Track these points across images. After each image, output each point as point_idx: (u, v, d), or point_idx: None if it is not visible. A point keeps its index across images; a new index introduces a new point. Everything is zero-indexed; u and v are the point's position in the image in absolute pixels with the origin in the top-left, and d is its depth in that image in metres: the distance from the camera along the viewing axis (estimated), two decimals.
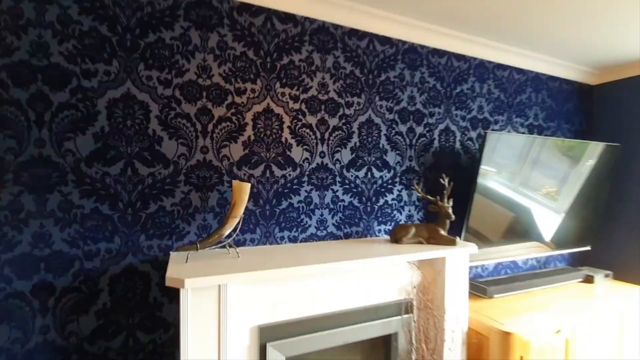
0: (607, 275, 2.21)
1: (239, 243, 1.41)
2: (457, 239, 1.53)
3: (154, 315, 1.30)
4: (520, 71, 2.17)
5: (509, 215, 1.91)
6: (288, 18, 1.50)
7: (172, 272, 1.04)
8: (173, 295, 1.32)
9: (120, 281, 1.25)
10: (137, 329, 1.27)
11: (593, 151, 2.09)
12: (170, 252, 1.29)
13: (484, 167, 1.72)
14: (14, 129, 1.11)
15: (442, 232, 1.53)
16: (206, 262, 1.17)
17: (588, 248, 2.32)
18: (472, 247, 1.51)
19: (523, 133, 2.20)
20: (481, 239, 1.84)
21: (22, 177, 1.12)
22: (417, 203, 1.84)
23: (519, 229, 1.97)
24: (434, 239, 1.52)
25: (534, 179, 1.94)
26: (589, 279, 2.16)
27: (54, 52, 1.15)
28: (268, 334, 1.21)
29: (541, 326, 1.55)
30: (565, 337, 1.61)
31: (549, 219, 2.07)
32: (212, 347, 1.10)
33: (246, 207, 1.29)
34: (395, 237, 1.54)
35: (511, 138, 1.82)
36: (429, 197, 1.57)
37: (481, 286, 1.85)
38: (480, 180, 1.74)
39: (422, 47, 1.83)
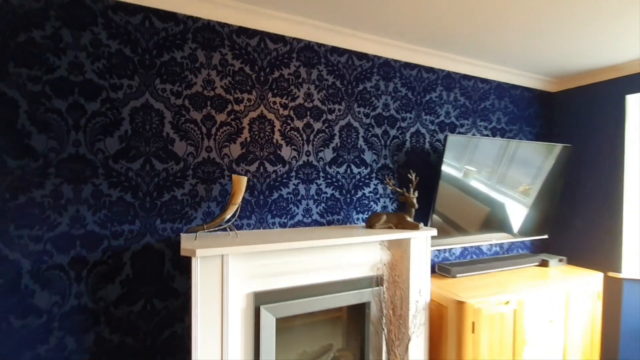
0: (560, 260, 2.51)
1: (237, 227, 1.69)
2: (421, 224, 1.82)
3: (167, 286, 1.57)
4: (484, 81, 2.47)
5: (469, 202, 2.21)
6: (279, 38, 1.79)
7: (186, 245, 1.32)
8: (183, 270, 1.59)
9: (140, 257, 1.52)
10: (153, 297, 1.54)
11: (551, 151, 2.39)
12: (181, 233, 1.57)
13: (446, 161, 2.02)
14: (56, 132, 1.38)
15: (409, 219, 1.82)
16: (211, 240, 1.45)
17: (546, 237, 2.63)
18: (432, 231, 1.80)
19: (487, 135, 2.50)
20: (450, 226, 2.13)
21: (62, 170, 1.39)
22: (390, 196, 2.13)
23: (476, 214, 2.27)
24: (401, 225, 1.81)
25: (499, 173, 2.24)
26: (544, 263, 2.46)
27: (87, 70, 1.43)
28: (261, 299, 1.49)
29: (493, 298, 1.85)
30: (513, 307, 1.90)
31: (506, 206, 2.37)
32: (216, 308, 1.37)
33: (243, 197, 1.57)
34: (370, 223, 1.82)
35: (460, 139, 2.12)
36: (397, 189, 1.86)
37: (446, 267, 2.14)
38: (444, 173, 2.03)
39: (395, 61, 2.12)
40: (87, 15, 1.42)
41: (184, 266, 1.59)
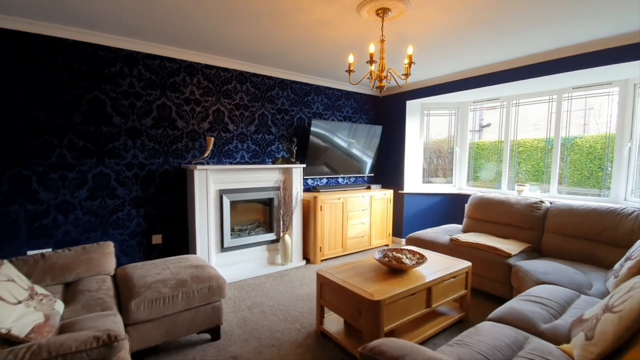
0: (378, 185, 4.84)
1: (208, 163, 3.49)
2: (297, 162, 3.85)
3: (174, 188, 3.33)
4: (338, 90, 4.56)
5: (328, 153, 4.33)
6: (226, 70, 3.57)
7: (191, 167, 3.12)
8: (181, 181, 3.36)
9: (162, 174, 3.25)
10: (169, 193, 3.30)
11: (375, 129, 4.63)
12: (182, 164, 3.33)
13: (313, 131, 4.07)
14: (123, 115, 3.01)
15: (292, 160, 3.84)
16: (200, 167, 3.25)
17: (372, 174, 4.95)
18: (300, 166, 3.85)
19: (341, 120, 4.63)
20: (322, 166, 4.22)
21: (127, 133, 3.04)
22: (284, 149, 4.12)
23: (334, 162, 4.42)
24: (287, 162, 3.82)
25: (341, 137, 4.38)
26: (369, 187, 4.76)
27: (136, 87, 3.06)
28: (223, 192, 3.37)
29: (333, 196, 4.00)
30: (342, 202, 4.09)
31: (353, 157, 4.57)
32: (203, 195, 3.21)
33: (211, 149, 3.38)
34: (273, 161, 3.79)
35: (320, 122, 4.19)
36: (288, 146, 3.85)
37: (315, 187, 4.25)
38: (311, 140, 4.09)
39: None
40: (135, 59, 3.04)
41: (183, 179, 3.36)
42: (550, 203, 3.18)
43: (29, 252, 2.64)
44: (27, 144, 2.61)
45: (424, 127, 4.91)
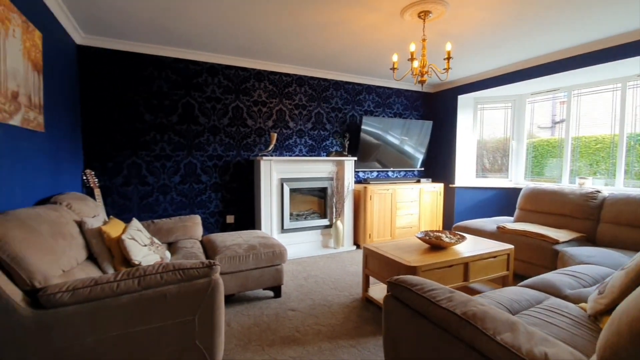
0: (428, 179, 4.98)
1: (272, 155, 4.05)
2: (349, 155, 4.22)
3: (245, 176, 3.94)
4: (388, 88, 4.84)
5: (380, 149, 4.62)
6: (288, 75, 4.10)
7: (255, 158, 3.69)
8: (250, 170, 3.96)
9: (236, 165, 3.88)
10: (240, 180, 3.92)
11: (425, 124, 4.81)
12: (250, 157, 3.93)
13: (364, 129, 4.41)
14: (207, 115, 3.70)
15: (344, 153, 4.22)
16: (265, 158, 3.81)
17: (422, 169, 5.11)
18: (352, 159, 4.21)
19: (392, 117, 4.90)
20: (372, 160, 4.55)
21: (209, 131, 3.72)
22: (337, 144, 4.52)
23: (385, 158, 4.70)
24: (340, 155, 4.21)
25: (394, 135, 4.65)
26: (418, 181, 4.92)
27: (217, 92, 3.73)
28: (284, 180, 3.89)
29: (381, 187, 4.29)
30: (391, 192, 4.36)
31: (407, 155, 4.81)
32: (267, 182, 3.76)
33: (274, 143, 3.92)
34: (327, 154, 4.21)
35: (370, 119, 4.50)
36: (340, 141, 4.26)
37: (366, 179, 4.58)
38: (362, 137, 4.43)
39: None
40: (216, 70, 3.71)
41: (251, 169, 3.96)
42: (608, 193, 3.08)
43: None
44: (141, 139, 3.41)
45: (477, 121, 4.93)
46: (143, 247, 2.14)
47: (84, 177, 2.95)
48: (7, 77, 1.72)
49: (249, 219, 4.00)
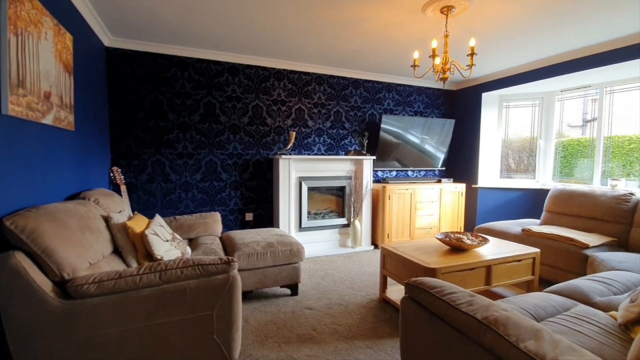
0: (450, 179, 4.86)
1: (291, 154, 4.07)
2: (367, 155, 4.18)
3: (264, 174, 3.99)
4: (409, 86, 4.75)
5: (400, 149, 4.55)
6: (307, 73, 4.10)
7: (274, 157, 3.72)
8: (269, 169, 4.00)
9: (255, 163, 3.93)
10: (259, 178, 3.96)
11: (448, 123, 4.70)
12: (269, 155, 3.97)
13: (383, 127, 4.35)
14: (227, 114, 3.76)
15: (363, 152, 4.19)
16: (284, 157, 3.84)
17: (443, 168, 4.99)
18: (371, 158, 4.17)
19: (412, 115, 4.81)
20: (391, 159, 4.49)
21: (230, 129, 3.78)
22: (356, 143, 4.48)
23: (405, 157, 4.62)
24: (359, 154, 4.18)
25: (413, 134, 4.57)
26: (439, 180, 4.81)
27: (237, 91, 3.79)
28: (302, 178, 3.90)
29: (401, 186, 4.22)
30: (410, 192, 4.28)
31: (427, 154, 4.71)
32: (285, 180, 3.79)
33: (293, 142, 3.94)
34: (346, 153, 4.19)
35: (390, 117, 4.43)
36: (360, 140, 4.22)
37: (384, 178, 4.52)
38: (381, 136, 4.37)
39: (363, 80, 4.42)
40: (237, 69, 3.76)
41: (270, 167, 4.00)
42: None
43: None
44: (165, 138, 3.51)
45: (502, 119, 4.76)
46: (165, 242, 2.20)
47: (111, 174, 3.08)
48: (40, 78, 1.81)
49: (268, 217, 4.04)
